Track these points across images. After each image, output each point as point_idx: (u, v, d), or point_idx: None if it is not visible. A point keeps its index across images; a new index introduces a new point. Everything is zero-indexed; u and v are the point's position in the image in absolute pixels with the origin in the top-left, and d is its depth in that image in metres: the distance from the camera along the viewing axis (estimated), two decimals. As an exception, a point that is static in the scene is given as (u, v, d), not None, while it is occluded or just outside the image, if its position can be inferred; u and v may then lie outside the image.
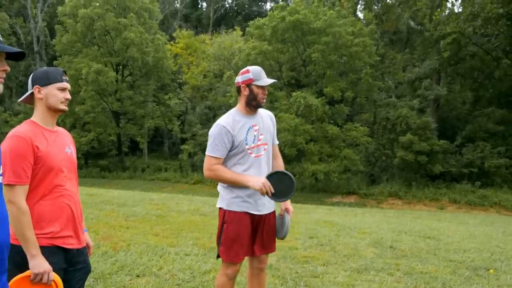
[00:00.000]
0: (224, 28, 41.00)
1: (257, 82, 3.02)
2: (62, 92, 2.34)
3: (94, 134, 31.37)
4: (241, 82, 3.06)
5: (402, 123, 24.45)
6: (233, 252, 3.01)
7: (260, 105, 3.09)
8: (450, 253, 6.44)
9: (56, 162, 2.28)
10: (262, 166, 3.09)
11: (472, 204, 21.40)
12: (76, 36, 31.67)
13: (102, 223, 6.77)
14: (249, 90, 3.04)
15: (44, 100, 2.31)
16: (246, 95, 3.05)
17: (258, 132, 3.09)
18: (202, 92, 35.62)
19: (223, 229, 3.06)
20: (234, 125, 3.03)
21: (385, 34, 31.22)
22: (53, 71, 2.38)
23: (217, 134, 3.00)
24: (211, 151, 3.02)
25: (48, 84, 2.31)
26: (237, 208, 3.03)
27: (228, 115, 3.12)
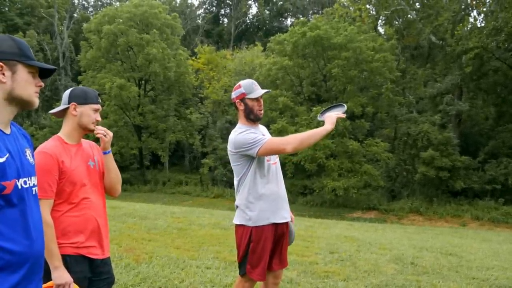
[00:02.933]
0: (245, 44, 41.36)
1: (250, 95, 3.04)
2: (95, 113, 2.46)
3: (117, 148, 31.80)
4: (235, 98, 3.09)
5: (423, 139, 24.24)
6: (261, 271, 3.00)
7: (258, 117, 3.11)
8: (472, 270, 6.36)
9: (79, 176, 2.37)
10: (278, 174, 3.14)
11: (496, 221, 20.98)
12: (100, 52, 32.36)
13: (124, 236, 6.89)
14: (244, 105, 3.06)
15: (78, 117, 2.42)
16: (243, 110, 3.08)
17: None
18: (223, 107, 35.89)
19: (249, 248, 3.00)
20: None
21: (406, 49, 31.11)
22: (91, 92, 2.49)
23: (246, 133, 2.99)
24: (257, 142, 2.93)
25: (85, 104, 2.43)
26: (265, 222, 3.00)
27: (242, 126, 3.11)
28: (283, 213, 3.10)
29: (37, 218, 1.66)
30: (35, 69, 1.69)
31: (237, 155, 3.05)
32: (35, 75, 1.67)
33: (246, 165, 3.04)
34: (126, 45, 31.75)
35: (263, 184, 3.01)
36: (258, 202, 3.01)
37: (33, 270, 1.61)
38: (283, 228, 3.12)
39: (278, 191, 3.09)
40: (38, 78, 1.69)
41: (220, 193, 29.10)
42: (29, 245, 1.57)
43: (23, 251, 1.55)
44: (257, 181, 3.01)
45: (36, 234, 1.62)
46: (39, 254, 1.64)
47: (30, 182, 1.65)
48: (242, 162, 3.05)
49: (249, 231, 3.00)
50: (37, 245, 1.62)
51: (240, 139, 3.00)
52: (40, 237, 1.66)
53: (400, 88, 28.84)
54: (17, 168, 1.58)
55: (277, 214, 3.04)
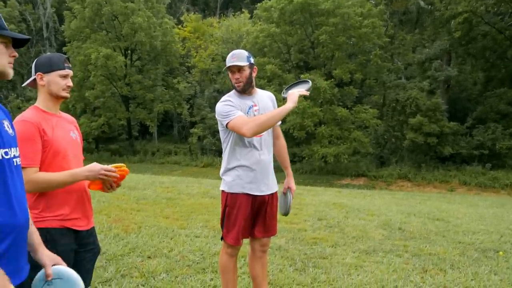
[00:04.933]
0: (232, 11, 40.69)
1: (226, 67, 3.06)
2: (64, 79, 2.35)
3: (104, 119, 31.54)
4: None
5: (411, 105, 24.28)
6: (235, 235, 3.04)
7: (237, 88, 3.08)
8: (459, 235, 6.46)
9: (62, 145, 2.30)
10: (263, 145, 3.10)
11: (483, 186, 21.31)
12: (84, 22, 31.67)
13: (113, 206, 6.88)
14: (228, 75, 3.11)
15: (46, 87, 2.32)
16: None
17: (258, 112, 3.08)
18: (210, 76, 35.57)
19: (225, 212, 3.08)
20: (236, 103, 3.04)
21: (395, 14, 30.82)
22: (56, 58, 2.37)
23: (226, 105, 3.01)
24: (229, 116, 2.96)
25: (51, 71, 2.32)
26: (239, 190, 3.03)
27: (227, 96, 3.12)
28: (262, 186, 3.08)
29: (19, 190, 1.62)
30: (8, 39, 1.60)
31: (219, 122, 3.09)
32: (8, 45, 1.60)
33: (227, 132, 3.07)
34: (110, 14, 31.06)
35: (243, 154, 3.04)
36: (234, 169, 3.06)
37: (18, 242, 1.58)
38: (264, 198, 3.11)
39: (261, 163, 3.06)
40: (12, 48, 1.62)
41: (210, 162, 29.14)
42: (11, 215, 1.54)
43: (5, 222, 1.52)
44: (237, 149, 3.05)
45: (18, 206, 1.59)
46: (22, 226, 1.62)
47: (11, 153, 1.60)
48: (223, 128, 3.09)
49: (225, 196, 3.07)
50: (20, 217, 1.59)
51: (218, 108, 3.06)
52: (22, 209, 1.62)
53: (388, 54, 28.73)
54: None
55: (254, 186, 3.04)
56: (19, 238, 1.59)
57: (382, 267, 4.55)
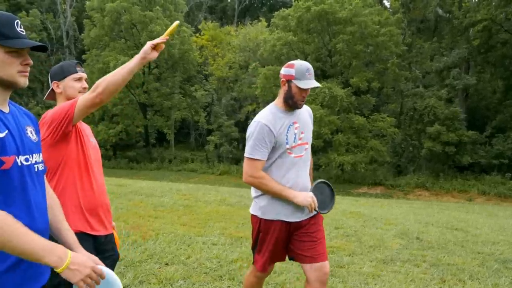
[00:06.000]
0: (249, 19, 40.93)
1: (297, 82, 2.69)
2: (78, 82, 2.43)
3: (122, 126, 31.89)
4: (282, 75, 2.76)
5: (429, 114, 24.07)
6: (264, 263, 2.89)
7: (297, 106, 2.78)
8: (478, 245, 6.37)
9: (88, 152, 2.36)
10: (302, 167, 2.86)
11: (502, 196, 20.96)
12: (104, 30, 32.17)
13: (131, 213, 6.94)
14: (287, 87, 2.73)
15: (63, 93, 2.42)
16: (285, 91, 2.75)
17: (299, 130, 2.82)
18: (227, 84, 35.76)
19: (258, 237, 2.88)
20: (276, 123, 2.74)
21: (412, 22, 30.64)
22: (66, 64, 2.47)
23: (258, 133, 2.70)
24: (251, 153, 2.73)
25: (64, 78, 2.41)
26: (274, 217, 2.79)
27: (267, 112, 2.80)
28: (298, 212, 2.82)
29: (39, 196, 1.65)
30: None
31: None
32: (19, 53, 1.57)
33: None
34: (129, 23, 31.51)
35: (279, 178, 2.75)
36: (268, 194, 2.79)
37: None
38: (301, 224, 2.85)
39: (297, 187, 2.79)
40: (25, 56, 1.59)
41: (226, 170, 29.23)
42: (30, 222, 1.55)
43: None
44: (272, 172, 2.77)
45: (38, 212, 1.61)
46: (42, 231, 1.63)
47: (32, 159, 1.62)
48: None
49: (258, 222, 2.85)
50: (39, 223, 1.61)
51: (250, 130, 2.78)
52: (42, 214, 1.65)
53: (406, 62, 28.54)
54: (17, 145, 1.56)
55: (290, 212, 2.79)
56: None
57: (400, 276, 4.51)
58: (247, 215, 7.52)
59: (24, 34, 1.61)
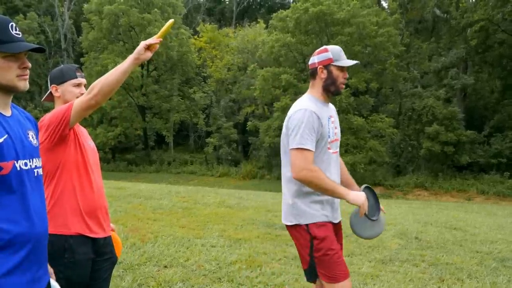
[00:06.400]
0: (248, 21, 40.95)
1: (338, 63, 2.55)
2: (78, 88, 2.44)
3: (121, 129, 31.88)
4: (317, 62, 2.57)
5: (428, 114, 24.11)
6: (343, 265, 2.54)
7: (339, 91, 2.61)
8: (476, 244, 6.39)
9: (87, 155, 2.37)
10: (338, 165, 2.70)
11: (501, 195, 21.00)
12: (102, 33, 32.18)
13: (130, 216, 6.95)
14: (327, 72, 2.56)
15: (61, 97, 2.42)
16: (324, 79, 2.56)
17: (333, 125, 2.64)
18: (226, 85, 35.78)
19: (313, 248, 2.48)
20: (320, 112, 2.53)
21: (410, 23, 30.70)
22: (67, 68, 2.47)
23: (307, 121, 2.42)
24: (302, 142, 2.40)
25: (64, 82, 2.42)
26: (324, 219, 2.53)
27: (307, 101, 2.56)
28: (336, 213, 2.70)
29: (38, 201, 1.65)
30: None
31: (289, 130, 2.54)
32: (17, 57, 1.56)
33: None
34: (127, 26, 31.53)
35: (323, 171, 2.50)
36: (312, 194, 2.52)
37: (35, 252, 1.60)
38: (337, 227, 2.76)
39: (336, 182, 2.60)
40: (22, 59, 1.59)
41: (226, 172, 29.24)
42: (29, 226, 1.56)
43: (23, 232, 1.54)
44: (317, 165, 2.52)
45: (37, 217, 1.61)
46: (40, 236, 1.64)
47: (32, 164, 1.62)
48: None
49: (306, 229, 2.51)
50: (38, 227, 1.61)
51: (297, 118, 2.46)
52: (41, 220, 1.65)
53: (404, 63, 28.58)
54: (16, 150, 1.56)
55: (330, 213, 2.61)
56: (37, 247, 1.61)
57: (399, 276, 4.53)
58: (246, 217, 7.56)
59: (20, 37, 1.60)
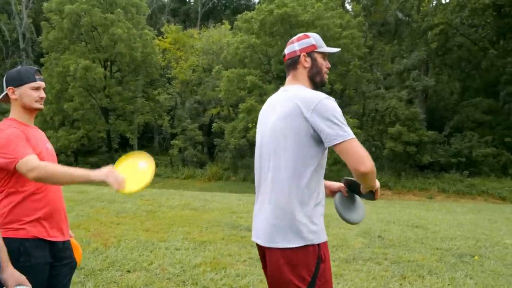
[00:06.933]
0: (213, 22, 40.84)
1: (322, 49, 2.21)
2: (36, 91, 2.36)
3: (84, 131, 31.15)
4: (299, 50, 2.23)
5: (391, 114, 24.60)
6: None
7: (325, 81, 2.25)
8: (437, 241, 6.56)
9: (41, 156, 2.28)
10: None
11: (461, 193, 21.63)
12: (63, 33, 31.37)
13: (92, 220, 6.80)
14: (311, 60, 2.20)
15: (19, 100, 2.34)
16: (308, 68, 2.20)
17: None
18: (191, 87, 35.54)
19: (318, 271, 2.00)
20: None
21: (374, 25, 31.31)
22: (25, 70, 2.38)
23: (339, 108, 2.01)
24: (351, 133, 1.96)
25: (22, 85, 2.33)
26: (325, 237, 2.10)
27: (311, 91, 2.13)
28: None
29: None
30: None
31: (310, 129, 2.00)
32: None
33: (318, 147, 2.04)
34: (90, 26, 30.84)
35: (321, 184, 2.14)
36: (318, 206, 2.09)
37: None
38: None
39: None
40: None
41: (191, 174, 29.01)
42: None
43: None
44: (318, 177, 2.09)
45: None
46: None
47: None
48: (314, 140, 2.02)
49: (315, 250, 2.01)
50: None
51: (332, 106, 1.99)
52: None
53: (367, 64, 29.10)
54: None
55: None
56: None
57: (362, 275, 4.59)
58: (211, 219, 7.51)
59: None
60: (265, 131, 2.16)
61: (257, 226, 2.14)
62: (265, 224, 2.06)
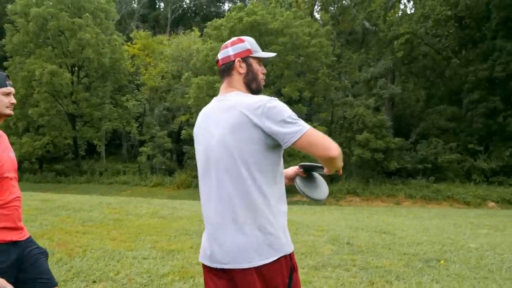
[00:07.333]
0: (182, 29, 40.68)
1: (257, 54, 2.12)
2: (7, 97, 2.32)
3: (49, 138, 30.43)
4: (233, 55, 2.09)
5: (358, 122, 24.94)
6: None
7: (261, 88, 2.14)
8: (404, 246, 6.65)
9: (6, 165, 2.27)
10: None
11: (427, 198, 22.07)
12: (28, 36, 30.66)
13: (57, 229, 6.62)
14: (246, 66, 2.09)
15: None
16: (244, 74, 2.09)
17: None
18: (160, 94, 35.23)
19: (292, 282, 1.94)
20: None
21: (341, 34, 31.82)
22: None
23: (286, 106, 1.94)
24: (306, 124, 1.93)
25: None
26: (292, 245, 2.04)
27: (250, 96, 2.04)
28: None
29: None
30: None
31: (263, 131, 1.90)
32: None
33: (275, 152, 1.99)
34: (57, 30, 30.23)
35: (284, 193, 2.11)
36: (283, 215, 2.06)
37: None
38: None
39: None
40: None
41: (159, 182, 28.67)
42: None
43: None
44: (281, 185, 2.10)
45: None
46: None
47: None
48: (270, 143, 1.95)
49: (287, 260, 1.95)
50: None
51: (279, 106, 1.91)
52: None
53: (336, 72, 29.50)
54: None
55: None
56: None
57: (331, 282, 4.61)
58: (179, 227, 7.42)
59: None
60: (212, 147, 1.99)
61: (219, 249, 1.97)
62: (232, 245, 1.92)
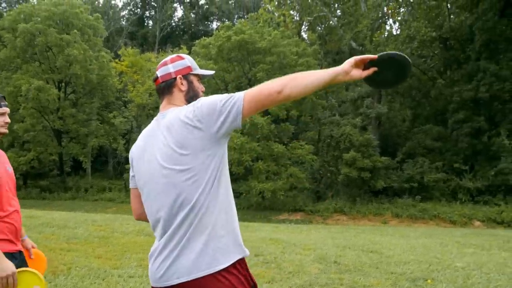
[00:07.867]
0: (170, 47, 40.89)
1: (197, 71, 2.08)
2: (1, 117, 2.42)
3: (34, 154, 30.11)
4: (174, 72, 2.03)
5: (345, 141, 25.10)
6: None
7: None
8: (391, 265, 6.65)
9: (5, 181, 2.34)
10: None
11: (414, 217, 22.16)
12: (15, 52, 30.55)
13: (41, 247, 6.47)
14: (187, 83, 2.04)
15: None
16: (185, 91, 2.03)
17: None
18: (147, 111, 35.14)
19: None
20: None
21: (328, 54, 32.22)
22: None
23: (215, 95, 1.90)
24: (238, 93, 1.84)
25: None
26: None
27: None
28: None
29: None
30: None
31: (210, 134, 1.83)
32: None
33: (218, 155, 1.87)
34: (44, 45, 30.18)
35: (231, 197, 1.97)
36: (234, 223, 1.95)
37: None
38: None
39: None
40: None
41: (146, 199, 28.41)
42: None
43: None
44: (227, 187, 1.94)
45: None
46: None
47: None
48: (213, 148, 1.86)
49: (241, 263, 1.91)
50: None
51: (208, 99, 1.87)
52: None
53: (323, 92, 29.76)
54: None
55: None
56: None
57: (318, 301, 4.59)
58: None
59: None
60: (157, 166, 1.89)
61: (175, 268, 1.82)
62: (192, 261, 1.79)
